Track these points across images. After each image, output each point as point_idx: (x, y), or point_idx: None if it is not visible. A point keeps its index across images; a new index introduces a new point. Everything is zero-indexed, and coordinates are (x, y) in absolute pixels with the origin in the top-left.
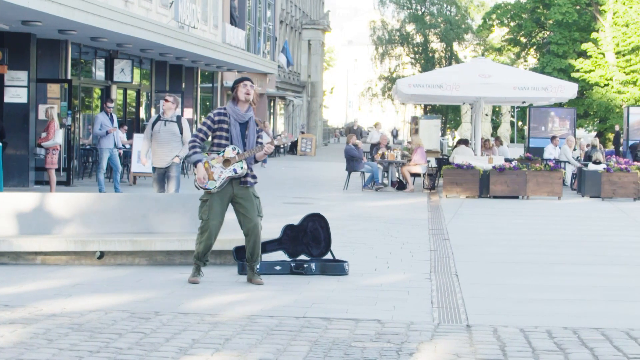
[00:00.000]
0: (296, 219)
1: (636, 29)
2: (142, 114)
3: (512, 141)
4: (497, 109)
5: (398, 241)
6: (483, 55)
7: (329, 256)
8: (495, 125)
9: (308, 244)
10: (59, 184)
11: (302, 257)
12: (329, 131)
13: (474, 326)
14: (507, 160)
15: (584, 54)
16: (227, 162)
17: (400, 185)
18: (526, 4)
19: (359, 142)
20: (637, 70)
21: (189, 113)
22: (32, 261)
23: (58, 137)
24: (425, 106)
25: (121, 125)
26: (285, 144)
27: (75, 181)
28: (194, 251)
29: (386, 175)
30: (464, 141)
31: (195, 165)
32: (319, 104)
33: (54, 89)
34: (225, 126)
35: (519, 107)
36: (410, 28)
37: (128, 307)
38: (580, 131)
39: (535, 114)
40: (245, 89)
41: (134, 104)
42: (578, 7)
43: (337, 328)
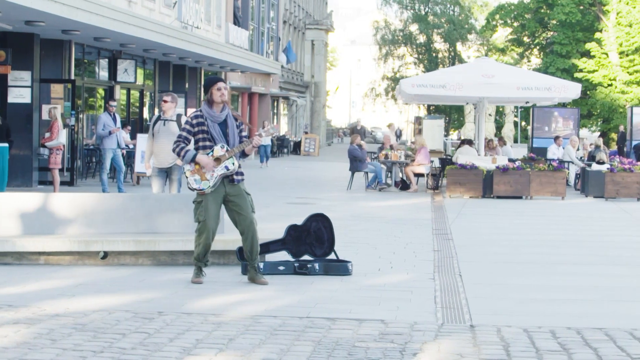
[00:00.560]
0: (299, 219)
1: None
2: (146, 114)
3: (515, 141)
4: (500, 109)
5: (401, 241)
6: (486, 55)
7: (332, 256)
8: (499, 126)
9: (311, 244)
10: (62, 184)
11: (306, 257)
12: (332, 131)
13: (477, 326)
14: (510, 160)
15: (587, 54)
16: (218, 161)
17: (404, 186)
18: (529, 4)
19: (362, 143)
20: None
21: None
22: (35, 261)
23: (62, 137)
24: (429, 106)
25: (124, 126)
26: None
27: (79, 181)
28: (194, 253)
29: (390, 175)
30: (468, 141)
31: (194, 160)
32: (322, 104)
33: (57, 89)
34: (205, 128)
35: (523, 107)
36: (414, 28)
37: (131, 307)
38: (584, 131)
39: (538, 114)
40: (220, 92)
41: (137, 104)
42: (581, 7)
43: (341, 328)
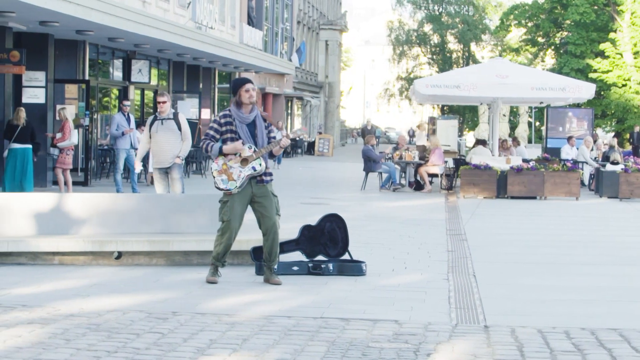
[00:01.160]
0: (314, 220)
1: None
2: None
3: (529, 142)
4: (514, 109)
5: (415, 242)
6: (500, 55)
7: (346, 256)
8: (513, 126)
9: (325, 244)
10: (76, 184)
11: (320, 257)
12: (346, 132)
13: (491, 327)
14: (524, 160)
15: (601, 54)
16: (245, 161)
17: (418, 186)
18: (544, 4)
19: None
20: None
21: (206, 113)
22: (49, 261)
23: (74, 137)
24: (443, 107)
25: (138, 126)
26: (301, 136)
27: (93, 181)
28: (213, 252)
29: (404, 175)
30: (482, 142)
31: (221, 151)
32: (336, 104)
33: (71, 90)
34: (233, 128)
35: (537, 108)
36: (428, 28)
37: (145, 308)
38: (598, 131)
39: (552, 114)
40: (248, 94)
41: (151, 105)
42: (596, 8)
43: (355, 328)
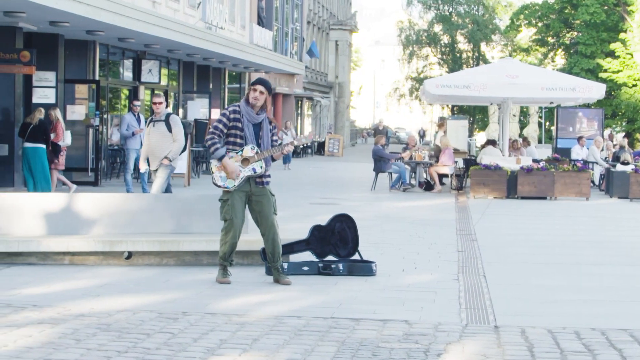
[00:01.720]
0: (323, 220)
1: None
2: None
3: (539, 142)
4: (524, 109)
5: (425, 242)
6: (510, 55)
7: (356, 257)
8: (523, 126)
9: (336, 244)
10: (86, 184)
11: (330, 257)
12: (356, 132)
13: (501, 327)
14: (534, 161)
15: (612, 54)
16: (246, 161)
17: (428, 186)
18: (554, 4)
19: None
20: None
21: (216, 114)
22: (60, 261)
23: (67, 139)
24: (453, 107)
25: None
26: (305, 144)
27: (103, 182)
28: (219, 252)
29: (414, 175)
30: (492, 142)
31: (221, 161)
32: (346, 104)
33: (81, 90)
34: (240, 125)
35: (547, 108)
36: (438, 28)
37: (156, 308)
38: (609, 132)
39: (563, 114)
40: (254, 94)
41: None
42: (606, 8)
43: (365, 329)
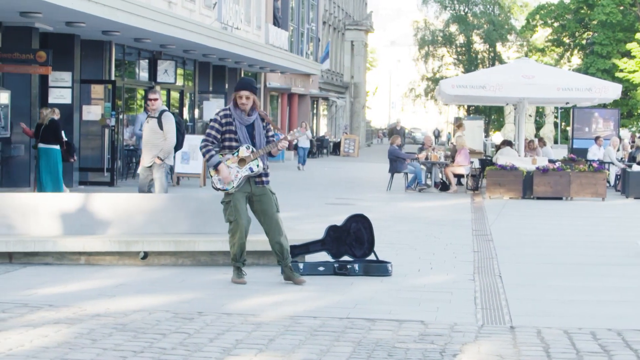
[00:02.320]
0: (339, 220)
1: None
2: (186, 115)
3: (555, 142)
4: (540, 109)
5: (441, 242)
6: (526, 55)
7: (372, 257)
8: (539, 126)
9: (351, 244)
10: (102, 184)
11: (346, 257)
12: (371, 132)
13: (517, 327)
14: (550, 161)
15: (628, 54)
16: (243, 162)
17: (444, 186)
18: (570, 4)
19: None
20: None
21: None
22: (76, 261)
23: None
24: (469, 107)
25: None
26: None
27: (119, 182)
28: (230, 254)
29: (429, 176)
30: (508, 142)
31: (216, 169)
32: (361, 104)
33: (97, 90)
34: (232, 128)
35: (563, 108)
36: (454, 29)
37: (172, 308)
38: (625, 132)
39: (578, 114)
40: (241, 100)
41: (177, 105)
42: (622, 8)
43: (381, 329)
